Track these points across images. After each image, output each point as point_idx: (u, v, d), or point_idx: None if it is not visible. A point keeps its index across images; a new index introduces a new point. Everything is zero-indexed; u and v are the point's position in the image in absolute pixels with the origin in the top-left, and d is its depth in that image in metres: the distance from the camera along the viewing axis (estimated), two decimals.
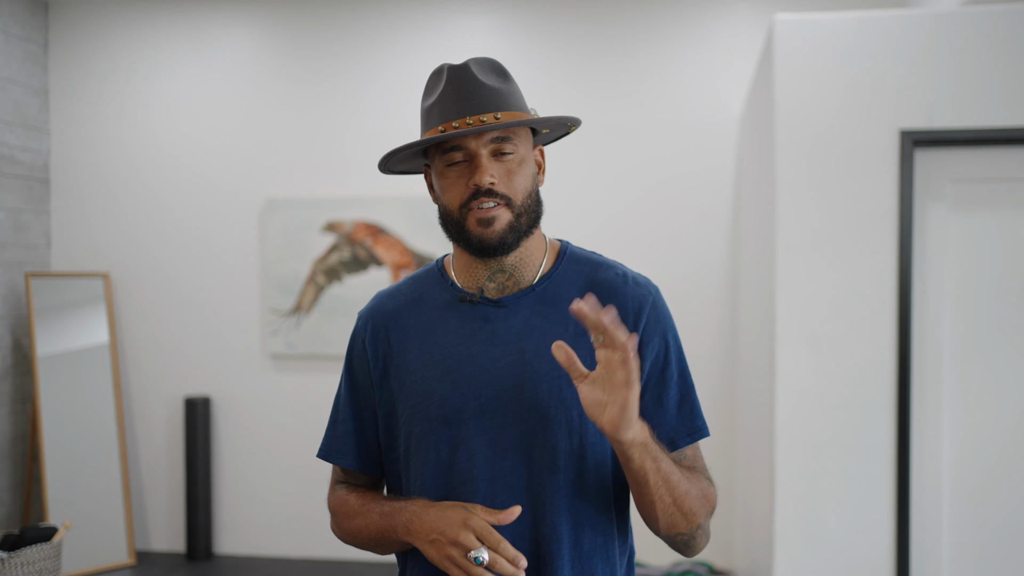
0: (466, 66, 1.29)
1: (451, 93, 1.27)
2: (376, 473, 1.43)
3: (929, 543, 2.68)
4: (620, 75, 4.34)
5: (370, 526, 1.33)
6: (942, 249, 2.68)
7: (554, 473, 1.27)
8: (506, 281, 1.34)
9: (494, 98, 1.27)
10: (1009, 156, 2.67)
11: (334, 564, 4.44)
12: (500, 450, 1.27)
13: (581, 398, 1.16)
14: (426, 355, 1.33)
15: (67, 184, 4.74)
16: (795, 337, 2.71)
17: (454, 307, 1.35)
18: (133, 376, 4.69)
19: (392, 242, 4.44)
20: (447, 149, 1.28)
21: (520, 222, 1.29)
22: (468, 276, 1.36)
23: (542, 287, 1.34)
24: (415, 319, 1.37)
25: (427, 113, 1.31)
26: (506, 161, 1.28)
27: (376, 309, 1.41)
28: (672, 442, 1.33)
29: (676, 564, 4.08)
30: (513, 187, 1.28)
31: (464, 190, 1.27)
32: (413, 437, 1.32)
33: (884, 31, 2.67)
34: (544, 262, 1.36)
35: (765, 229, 2.99)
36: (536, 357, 1.28)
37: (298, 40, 4.58)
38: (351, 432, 1.41)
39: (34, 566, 3.71)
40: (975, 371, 2.68)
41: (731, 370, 4.22)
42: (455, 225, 1.30)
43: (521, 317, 1.32)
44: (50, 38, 4.74)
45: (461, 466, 1.28)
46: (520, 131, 1.30)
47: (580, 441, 1.27)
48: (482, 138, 1.26)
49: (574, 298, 1.32)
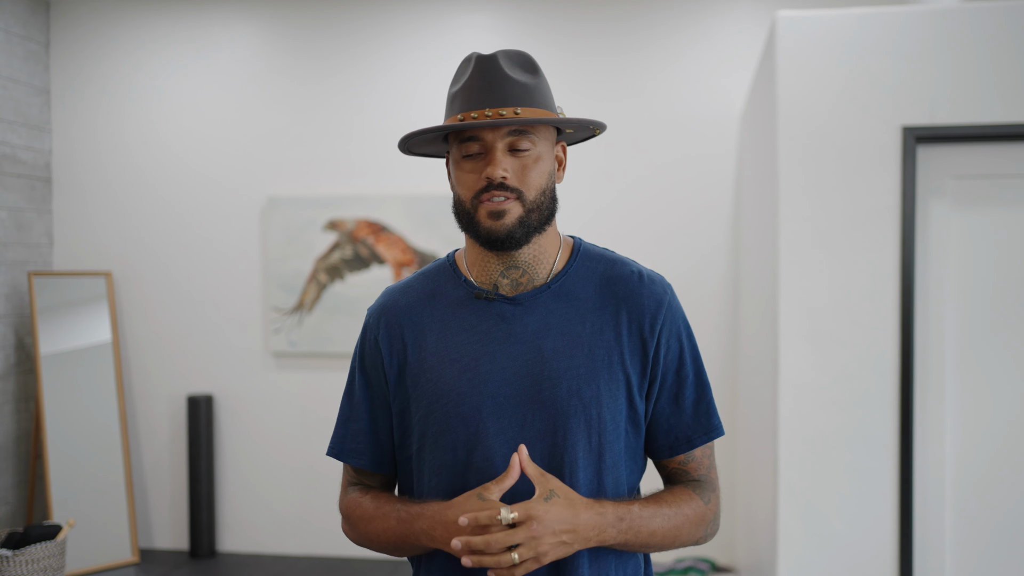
0: (494, 57, 1.28)
1: (475, 83, 1.27)
2: (390, 471, 1.41)
3: (932, 538, 2.68)
4: (621, 72, 4.34)
5: (388, 531, 1.31)
6: (944, 245, 2.68)
7: (573, 471, 1.26)
8: (520, 278, 1.33)
9: (518, 92, 1.26)
10: (1011, 152, 2.66)
11: (337, 561, 4.45)
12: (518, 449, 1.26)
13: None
14: (442, 352, 1.32)
15: (69, 183, 4.74)
16: (798, 333, 2.71)
17: (469, 304, 1.34)
18: (136, 374, 4.70)
19: (394, 240, 4.44)
20: (465, 139, 1.28)
21: (531, 218, 1.28)
22: (480, 272, 1.35)
23: (557, 284, 1.33)
24: (429, 316, 1.35)
25: (451, 100, 1.31)
26: (522, 156, 1.27)
27: (388, 305, 1.39)
28: (688, 441, 1.34)
29: (679, 561, 4.09)
30: (526, 183, 1.27)
31: (477, 181, 1.27)
32: (428, 436, 1.31)
33: (886, 27, 2.67)
34: (558, 259, 1.36)
35: (767, 226, 2.99)
36: (555, 355, 1.28)
37: (300, 38, 4.58)
38: (366, 431, 1.39)
39: (38, 564, 3.72)
40: (978, 367, 2.68)
41: (733, 366, 4.23)
42: (466, 215, 1.30)
43: (538, 315, 1.31)
44: (51, 37, 4.74)
45: (478, 465, 1.27)
46: (541, 128, 1.29)
47: (599, 439, 1.27)
48: (499, 131, 1.26)
49: (589, 296, 1.32)
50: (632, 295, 1.33)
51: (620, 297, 1.32)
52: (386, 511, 1.32)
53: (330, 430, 4.37)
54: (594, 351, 1.29)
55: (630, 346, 1.30)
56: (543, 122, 1.26)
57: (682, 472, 1.38)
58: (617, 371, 1.29)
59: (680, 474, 1.38)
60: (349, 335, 4.44)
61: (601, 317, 1.31)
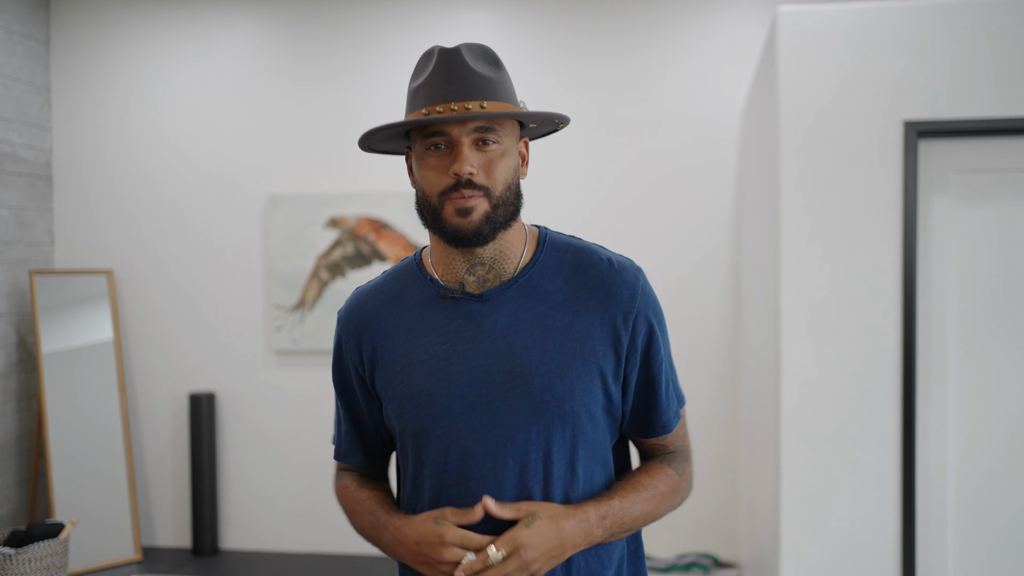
0: (457, 50, 1.25)
1: (438, 77, 1.24)
2: (386, 459, 1.46)
3: (935, 534, 2.68)
4: (622, 69, 4.34)
5: (363, 530, 1.37)
6: (946, 240, 2.68)
7: (548, 465, 1.26)
8: (486, 274, 1.31)
9: (482, 86, 1.24)
10: (1013, 146, 2.66)
11: (340, 558, 4.45)
12: (492, 446, 1.26)
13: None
14: (410, 355, 1.31)
15: (70, 181, 4.75)
16: (800, 329, 2.71)
17: (435, 303, 1.32)
18: (138, 372, 4.70)
19: (395, 237, 4.45)
20: (429, 133, 1.25)
21: (497, 214, 1.26)
22: (446, 269, 1.33)
23: (524, 279, 1.31)
24: (396, 318, 1.34)
25: (413, 94, 1.27)
26: (488, 151, 1.25)
27: (355, 309, 1.39)
28: (665, 426, 1.36)
29: (681, 556, 4.09)
30: (493, 178, 1.25)
31: (443, 178, 1.25)
32: (407, 436, 1.32)
33: (887, 22, 2.66)
34: (524, 253, 1.34)
35: (769, 221, 2.99)
36: (525, 351, 1.27)
37: (300, 36, 4.58)
38: (351, 432, 1.43)
39: (41, 562, 3.73)
40: (980, 362, 2.68)
41: (734, 362, 4.22)
42: (431, 212, 1.28)
43: (506, 311, 1.29)
44: (52, 35, 4.74)
45: (454, 465, 1.27)
46: (505, 122, 1.27)
47: (573, 432, 1.27)
48: (465, 126, 1.23)
49: (559, 288, 1.31)
50: (603, 284, 1.31)
51: (591, 287, 1.31)
52: (364, 509, 1.36)
53: (332, 427, 4.37)
54: (566, 344, 1.27)
55: (602, 335, 1.29)
56: (512, 116, 1.24)
57: (660, 447, 1.41)
58: (590, 362, 1.28)
59: (658, 448, 1.41)
60: None
61: (572, 308, 1.30)
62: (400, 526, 1.27)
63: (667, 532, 4.18)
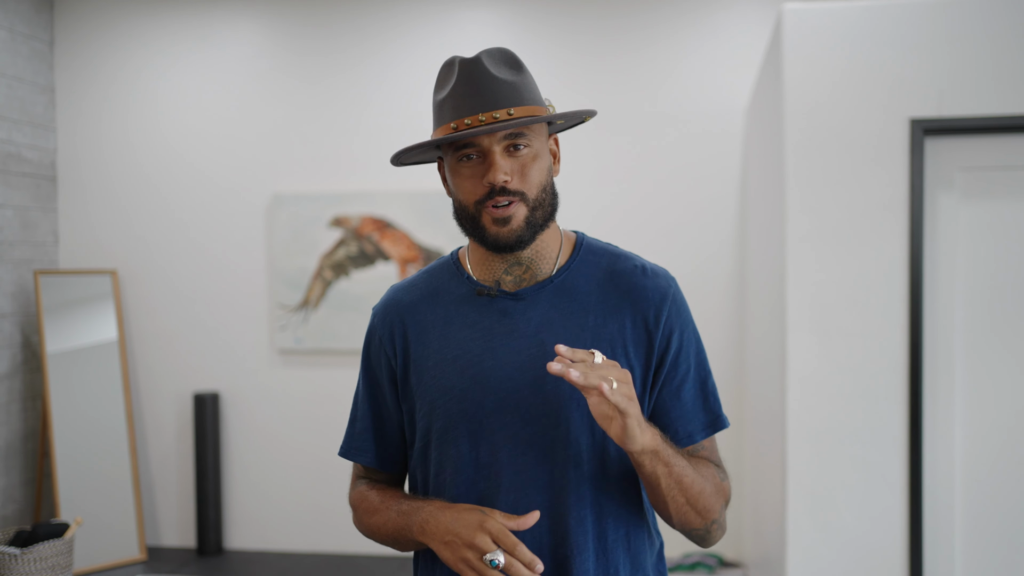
0: (478, 59, 1.25)
1: (463, 88, 1.24)
2: (396, 470, 1.43)
3: (942, 532, 2.68)
4: (626, 68, 4.33)
5: (388, 524, 1.33)
6: (953, 237, 2.67)
7: (578, 466, 1.26)
8: (523, 274, 1.33)
9: (507, 92, 1.24)
10: (1020, 144, 2.65)
11: (344, 558, 4.45)
12: (522, 444, 1.26)
13: (591, 409, 1.15)
14: (445, 350, 1.32)
15: (74, 181, 4.75)
16: (806, 327, 2.70)
17: (471, 300, 1.34)
18: (142, 372, 4.71)
19: (399, 236, 4.44)
20: (460, 146, 1.26)
21: (536, 216, 1.27)
22: (484, 269, 1.35)
23: (560, 279, 1.33)
24: (432, 313, 1.35)
25: (439, 107, 1.28)
26: (520, 156, 1.25)
27: (392, 304, 1.40)
28: (690, 436, 1.33)
29: (686, 556, 4.08)
30: (528, 182, 1.25)
31: (479, 187, 1.25)
32: (434, 432, 1.31)
33: (893, 19, 2.66)
34: (560, 254, 1.35)
35: (775, 219, 2.98)
36: None
37: (303, 35, 4.58)
38: (369, 430, 1.42)
39: (46, 562, 3.73)
40: (987, 359, 2.67)
41: (740, 360, 4.22)
42: (470, 221, 1.28)
43: (540, 310, 1.30)
44: (56, 36, 4.74)
45: (484, 460, 1.27)
46: (534, 124, 1.27)
47: (602, 434, 1.27)
48: (495, 135, 1.23)
49: (592, 289, 1.32)
50: (636, 288, 1.32)
51: (623, 290, 1.32)
52: (389, 504, 1.34)
53: (337, 427, 4.37)
54: (597, 344, 1.28)
55: (634, 339, 1.30)
56: (541, 120, 1.24)
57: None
58: (620, 362, 1.28)
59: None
60: (355, 332, 4.44)
61: (604, 311, 1.30)
62: (440, 507, 1.24)
63: (672, 531, 4.18)
